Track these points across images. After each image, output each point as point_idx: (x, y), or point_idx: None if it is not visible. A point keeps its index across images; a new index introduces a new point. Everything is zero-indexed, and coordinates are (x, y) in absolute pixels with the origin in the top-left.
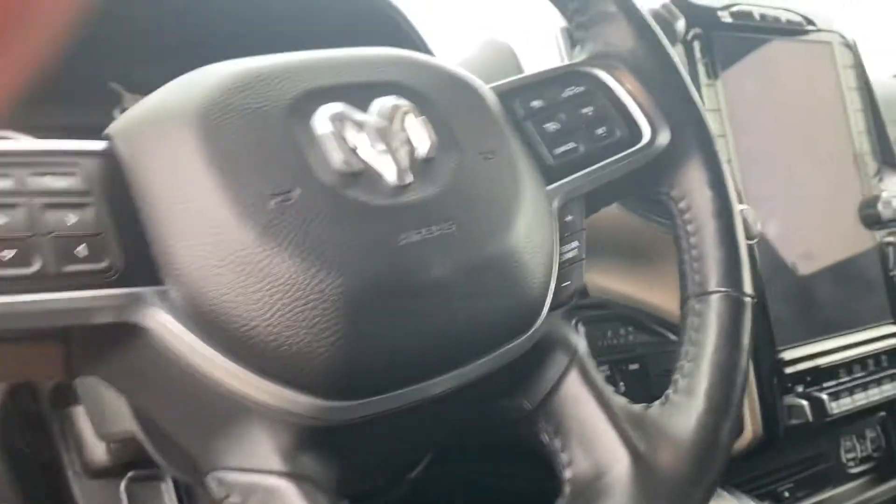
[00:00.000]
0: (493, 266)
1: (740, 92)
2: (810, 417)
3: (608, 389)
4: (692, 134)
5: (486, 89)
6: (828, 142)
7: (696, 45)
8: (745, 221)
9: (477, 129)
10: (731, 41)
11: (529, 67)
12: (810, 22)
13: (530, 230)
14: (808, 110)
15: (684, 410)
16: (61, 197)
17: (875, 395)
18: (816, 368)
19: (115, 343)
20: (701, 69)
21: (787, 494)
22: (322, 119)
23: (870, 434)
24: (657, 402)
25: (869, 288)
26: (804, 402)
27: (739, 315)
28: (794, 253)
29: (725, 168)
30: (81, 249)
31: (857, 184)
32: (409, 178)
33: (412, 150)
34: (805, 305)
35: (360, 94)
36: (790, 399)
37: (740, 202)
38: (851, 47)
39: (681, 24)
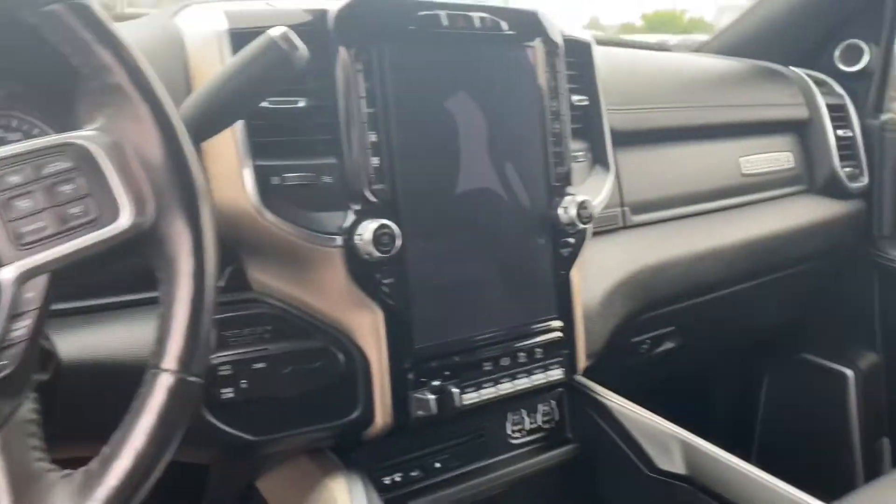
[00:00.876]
0: None
1: (421, 101)
2: (435, 411)
3: (30, 457)
4: (180, 219)
5: None
6: (521, 148)
7: (363, 59)
8: (379, 238)
9: None
10: (416, 48)
11: (197, 70)
12: (513, 24)
13: None
14: (500, 116)
15: (92, 481)
16: None
17: (524, 384)
18: (462, 363)
19: None
20: (362, 83)
21: (438, 465)
22: None
23: (543, 408)
24: (82, 469)
25: (541, 286)
26: (431, 397)
27: (181, 396)
28: (462, 255)
29: (210, 255)
30: None
31: (544, 187)
32: None
33: None
34: (459, 304)
35: None
36: (419, 393)
37: (390, 217)
38: (553, 51)
39: (299, 56)
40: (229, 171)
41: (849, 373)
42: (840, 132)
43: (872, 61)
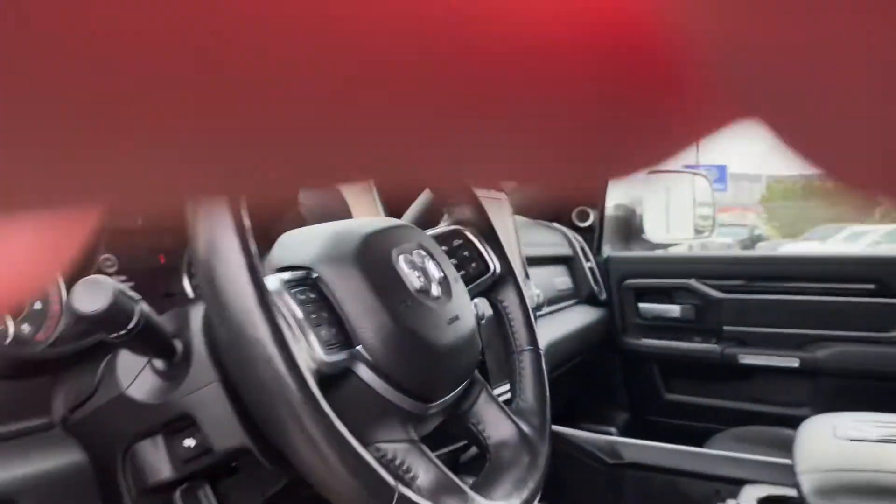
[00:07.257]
0: None
1: None
2: None
3: None
4: (507, 269)
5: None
6: None
7: None
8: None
9: None
10: None
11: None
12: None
13: None
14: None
15: None
16: None
17: None
18: None
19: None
20: None
21: None
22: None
23: None
24: None
25: None
26: None
27: (539, 363)
28: None
29: (522, 284)
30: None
31: None
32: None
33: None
34: None
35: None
36: None
37: None
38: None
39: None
40: None
41: (613, 430)
42: (588, 264)
43: (595, 220)
